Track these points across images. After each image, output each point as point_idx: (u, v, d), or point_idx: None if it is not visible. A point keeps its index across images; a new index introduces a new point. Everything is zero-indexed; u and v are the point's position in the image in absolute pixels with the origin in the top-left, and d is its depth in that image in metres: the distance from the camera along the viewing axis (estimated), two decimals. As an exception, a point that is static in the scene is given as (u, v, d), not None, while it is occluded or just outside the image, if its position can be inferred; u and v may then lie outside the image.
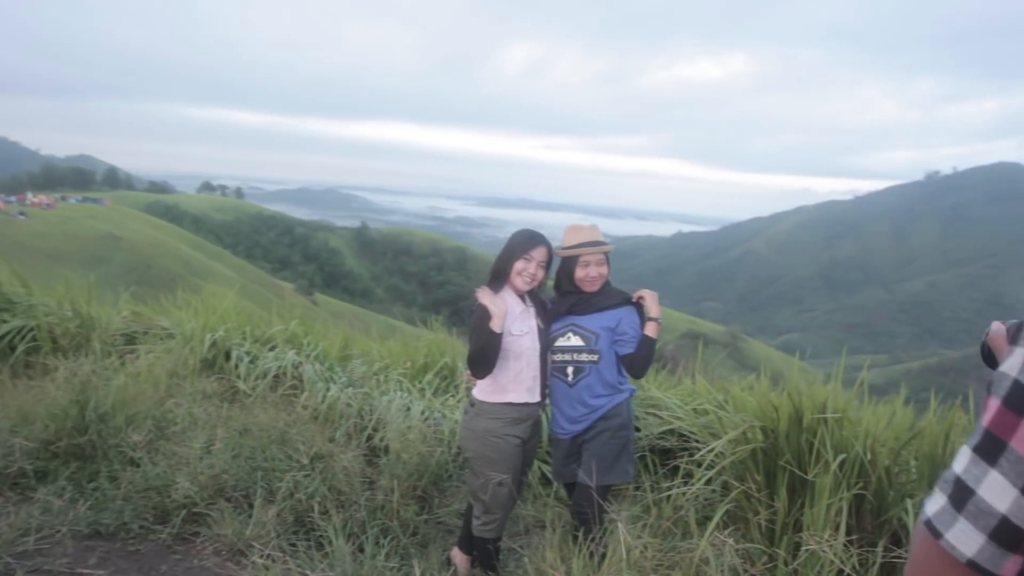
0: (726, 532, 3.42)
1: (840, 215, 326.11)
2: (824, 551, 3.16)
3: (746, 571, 3.33)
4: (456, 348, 6.91)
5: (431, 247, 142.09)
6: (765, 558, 3.49)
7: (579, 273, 3.97)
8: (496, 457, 3.90)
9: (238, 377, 6.30)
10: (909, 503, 3.46)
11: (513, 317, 3.90)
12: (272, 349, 6.81)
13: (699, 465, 3.96)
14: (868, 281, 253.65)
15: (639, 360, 3.93)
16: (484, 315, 3.78)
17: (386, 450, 5.05)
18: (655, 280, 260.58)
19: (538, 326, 3.99)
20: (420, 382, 6.26)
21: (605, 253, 4.02)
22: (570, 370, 3.98)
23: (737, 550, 3.32)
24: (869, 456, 3.57)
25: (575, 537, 4.00)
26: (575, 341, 3.98)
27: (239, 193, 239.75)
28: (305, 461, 4.78)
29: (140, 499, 4.57)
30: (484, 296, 3.85)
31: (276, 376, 6.29)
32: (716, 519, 3.48)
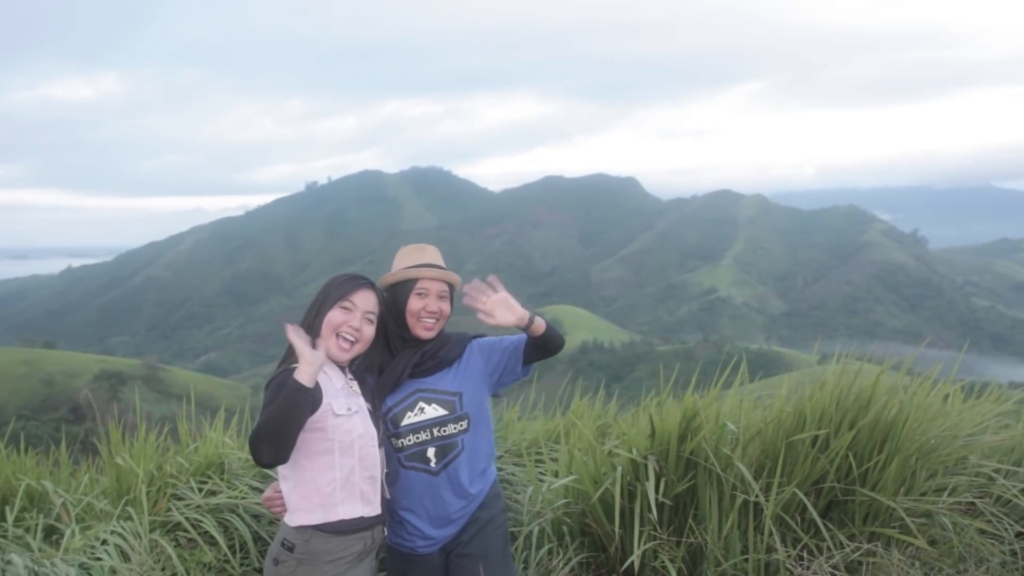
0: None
1: (235, 231, 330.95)
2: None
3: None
4: (23, 466, 4.70)
5: None
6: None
7: (414, 304, 2.92)
8: None
9: None
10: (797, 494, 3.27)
11: (336, 391, 2.74)
12: None
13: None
14: (271, 290, 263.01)
15: (550, 346, 2.91)
16: (288, 376, 2.58)
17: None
18: (50, 322, 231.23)
19: (368, 408, 2.85)
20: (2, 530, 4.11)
21: (450, 285, 3.01)
22: (432, 453, 2.91)
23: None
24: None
25: None
26: (432, 411, 2.94)
27: None
28: None
29: None
30: (293, 334, 2.62)
31: None
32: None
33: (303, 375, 2.54)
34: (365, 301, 2.82)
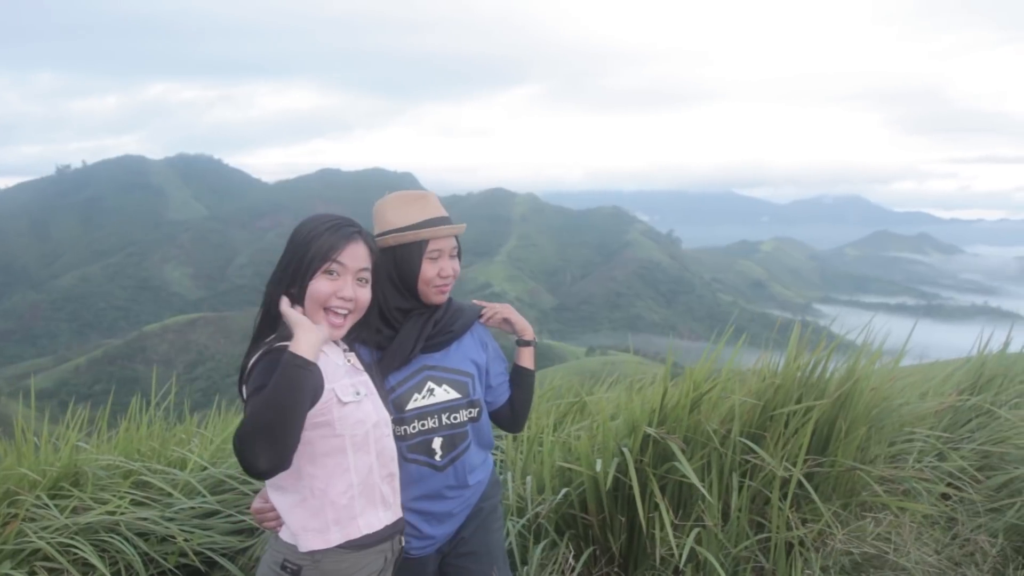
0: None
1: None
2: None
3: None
4: None
5: None
6: None
7: (428, 270, 2.39)
8: None
9: None
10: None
11: (335, 371, 2.14)
12: None
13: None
14: (14, 284, 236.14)
15: (524, 407, 2.65)
16: (282, 353, 1.97)
17: None
18: None
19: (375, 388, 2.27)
20: None
21: (457, 238, 2.51)
22: (438, 444, 2.42)
23: None
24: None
25: None
26: (443, 394, 2.43)
27: None
28: None
29: None
30: (286, 306, 2.09)
31: None
32: None
33: (303, 346, 1.94)
34: (355, 258, 2.16)
